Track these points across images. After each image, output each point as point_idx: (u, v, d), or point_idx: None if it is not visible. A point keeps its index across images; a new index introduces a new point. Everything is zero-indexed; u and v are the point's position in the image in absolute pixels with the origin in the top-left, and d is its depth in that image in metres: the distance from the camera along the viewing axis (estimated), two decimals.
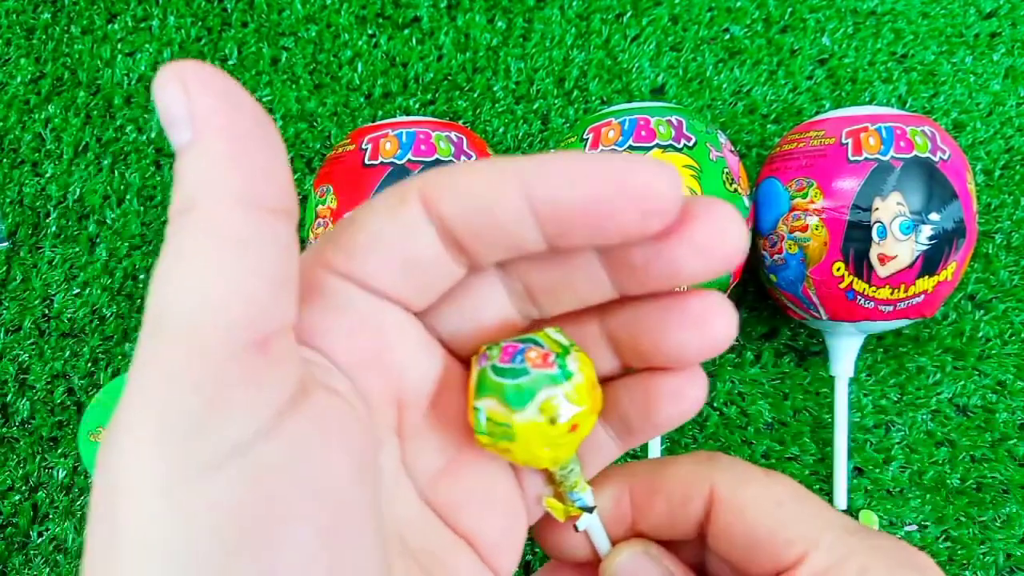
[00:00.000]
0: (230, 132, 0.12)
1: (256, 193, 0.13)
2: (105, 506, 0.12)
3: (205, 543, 0.12)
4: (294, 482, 0.12)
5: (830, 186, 0.33)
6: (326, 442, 0.13)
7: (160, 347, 0.12)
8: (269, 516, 0.12)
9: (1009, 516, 0.38)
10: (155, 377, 0.12)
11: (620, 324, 0.17)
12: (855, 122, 0.33)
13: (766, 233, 0.35)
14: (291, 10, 0.44)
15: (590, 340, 0.18)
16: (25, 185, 0.42)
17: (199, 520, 0.12)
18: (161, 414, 0.12)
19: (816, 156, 0.34)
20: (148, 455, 0.12)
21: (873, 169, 0.32)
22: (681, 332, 0.16)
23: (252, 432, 0.12)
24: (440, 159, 0.33)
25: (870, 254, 0.32)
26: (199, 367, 0.12)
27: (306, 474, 0.13)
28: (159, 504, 0.12)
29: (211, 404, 0.12)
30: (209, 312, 0.12)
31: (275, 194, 0.13)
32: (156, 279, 0.12)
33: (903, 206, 0.32)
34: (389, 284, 0.16)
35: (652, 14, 0.43)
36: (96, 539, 0.12)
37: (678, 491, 0.19)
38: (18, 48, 0.44)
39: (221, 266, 0.12)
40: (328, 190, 0.34)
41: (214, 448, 0.12)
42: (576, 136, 0.34)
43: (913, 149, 0.32)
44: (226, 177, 0.12)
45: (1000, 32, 0.43)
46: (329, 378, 0.15)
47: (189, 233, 0.12)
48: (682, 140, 0.33)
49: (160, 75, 0.12)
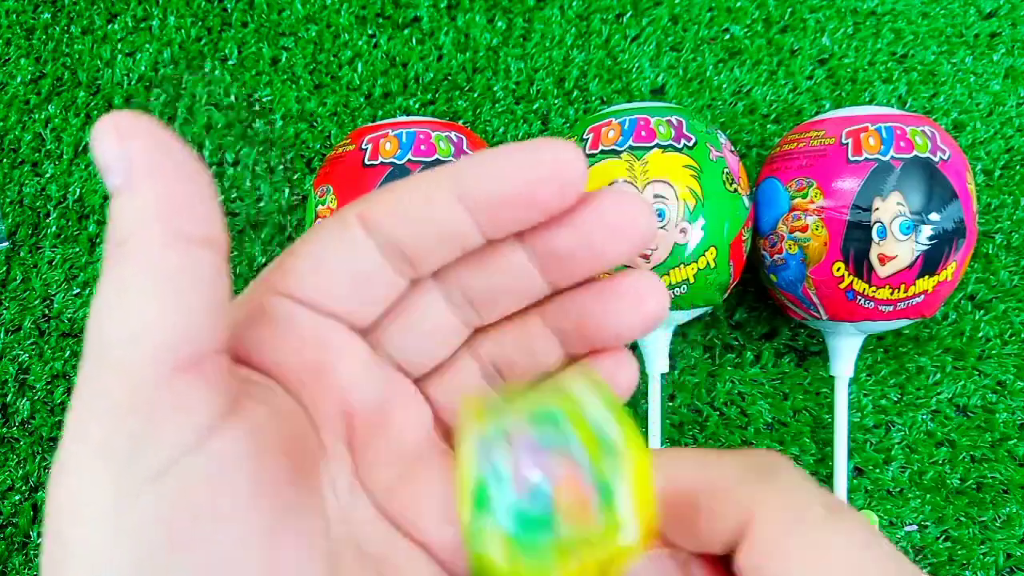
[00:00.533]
0: (159, 174, 0.14)
1: (183, 228, 0.14)
2: (55, 526, 0.13)
3: (147, 553, 0.13)
4: (225, 491, 0.14)
5: (830, 186, 0.33)
6: (258, 453, 0.14)
7: (98, 373, 0.13)
8: (201, 522, 0.13)
9: (1009, 516, 0.38)
10: (95, 403, 0.13)
11: (562, 315, 0.18)
12: (855, 122, 0.33)
13: (766, 233, 0.35)
14: (291, 10, 0.44)
15: (536, 335, 0.19)
16: (25, 185, 0.42)
17: (141, 533, 0.13)
18: (103, 438, 0.13)
19: (816, 156, 0.34)
20: (93, 476, 0.13)
21: (873, 169, 0.32)
22: (619, 311, 0.18)
23: (182, 448, 0.13)
24: (440, 159, 0.33)
25: (870, 254, 0.32)
26: (132, 392, 0.13)
27: (238, 482, 0.14)
28: (104, 521, 0.13)
29: (146, 425, 0.13)
30: (138, 341, 0.13)
31: (201, 228, 0.14)
32: (93, 307, 0.14)
33: (903, 206, 0.32)
34: (333, 301, 0.17)
35: (652, 14, 0.43)
36: (48, 558, 0.13)
37: (712, 504, 0.15)
38: (18, 48, 0.44)
39: (149, 297, 0.13)
40: (328, 190, 0.34)
41: (152, 465, 0.13)
42: (576, 136, 0.34)
43: (913, 149, 0.32)
44: (155, 215, 0.14)
45: (1000, 32, 0.43)
46: (268, 395, 0.16)
47: (122, 266, 0.14)
48: (682, 140, 0.33)
49: (98, 125, 0.14)
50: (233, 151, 0.42)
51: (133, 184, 0.14)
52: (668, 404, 0.39)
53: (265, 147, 0.42)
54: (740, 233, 0.34)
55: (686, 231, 0.32)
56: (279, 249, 0.41)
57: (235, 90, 0.43)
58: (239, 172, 0.42)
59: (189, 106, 0.43)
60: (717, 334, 0.40)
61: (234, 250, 0.41)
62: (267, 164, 0.42)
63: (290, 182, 0.42)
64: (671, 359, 0.39)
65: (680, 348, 0.40)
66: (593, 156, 0.33)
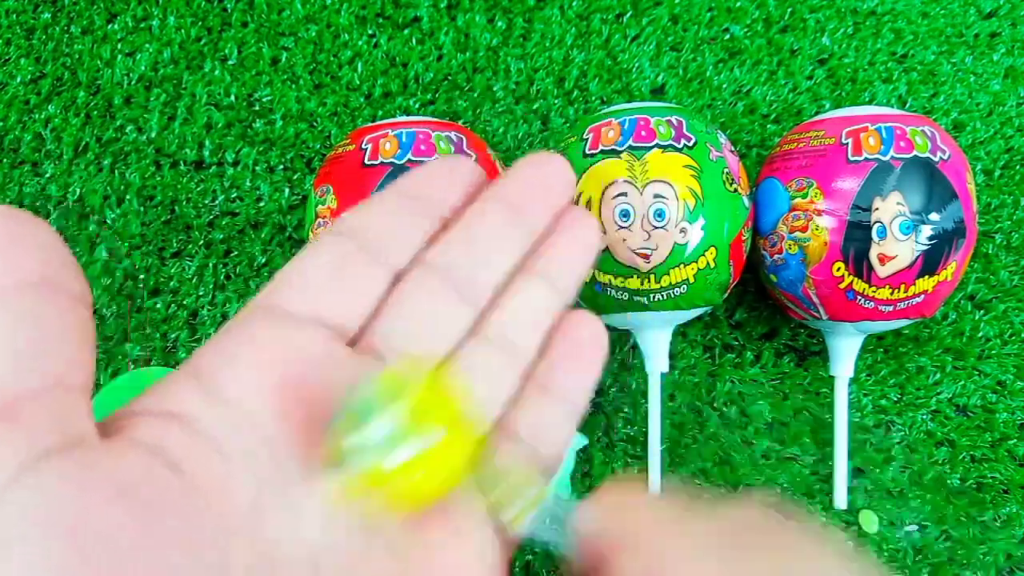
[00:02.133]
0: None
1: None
2: None
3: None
4: (47, 522, 0.13)
5: (830, 186, 0.33)
6: (85, 486, 0.13)
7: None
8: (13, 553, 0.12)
9: (1009, 516, 0.38)
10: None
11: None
12: (855, 122, 0.33)
13: (766, 233, 0.35)
14: (291, 10, 0.44)
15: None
16: (25, 185, 0.42)
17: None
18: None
19: (816, 156, 0.34)
20: None
21: (873, 169, 0.32)
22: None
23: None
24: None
25: (870, 254, 0.32)
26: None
27: (61, 513, 0.13)
28: None
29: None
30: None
31: (27, 270, 0.14)
32: None
33: (903, 206, 0.32)
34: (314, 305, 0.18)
35: (652, 14, 0.43)
36: None
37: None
38: (18, 48, 0.44)
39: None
40: (328, 190, 0.34)
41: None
42: (576, 136, 0.34)
43: (913, 149, 0.32)
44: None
45: (1000, 32, 0.43)
46: (147, 429, 0.15)
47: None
48: (682, 140, 0.33)
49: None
50: (233, 151, 0.42)
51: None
52: (668, 404, 0.39)
53: (265, 147, 0.42)
54: (740, 233, 0.34)
55: (686, 231, 0.32)
56: (279, 249, 0.41)
57: (235, 90, 0.43)
58: (239, 172, 0.42)
59: (189, 106, 0.43)
60: (717, 334, 0.40)
61: (234, 250, 0.41)
62: (267, 164, 0.42)
63: (290, 182, 0.42)
64: (671, 359, 0.39)
65: (680, 348, 0.40)
66: (593, 156, 0.33)
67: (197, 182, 0.42)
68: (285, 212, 0.41)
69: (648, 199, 0.32)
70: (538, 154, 0.22)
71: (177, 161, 0.42)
